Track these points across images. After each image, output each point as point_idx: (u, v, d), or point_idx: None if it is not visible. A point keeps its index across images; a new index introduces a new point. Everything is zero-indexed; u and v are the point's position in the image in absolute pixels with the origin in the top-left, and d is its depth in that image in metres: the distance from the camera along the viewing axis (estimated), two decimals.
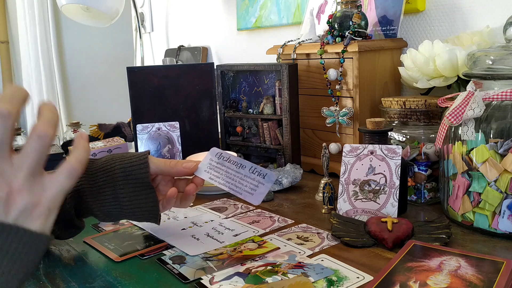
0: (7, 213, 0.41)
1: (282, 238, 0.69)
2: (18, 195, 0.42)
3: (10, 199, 0.42)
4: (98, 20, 1.84)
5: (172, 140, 1.05)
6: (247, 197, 0.64)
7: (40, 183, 0.44)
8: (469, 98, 0.68)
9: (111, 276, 0.61)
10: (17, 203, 0.42)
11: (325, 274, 0.57)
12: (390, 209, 0.72)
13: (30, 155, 0.43)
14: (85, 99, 2.90)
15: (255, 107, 1.12)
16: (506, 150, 0.65)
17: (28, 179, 0.43)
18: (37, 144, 0.43)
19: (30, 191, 0.43)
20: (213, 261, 0.62)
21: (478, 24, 0.96)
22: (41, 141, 0.43)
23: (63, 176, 0.45)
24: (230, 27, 1.68)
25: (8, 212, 0.41)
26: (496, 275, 0.52)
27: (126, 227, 0.77)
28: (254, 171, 0.65)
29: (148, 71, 1.10)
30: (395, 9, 1.04)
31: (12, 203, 0.42)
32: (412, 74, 0.94)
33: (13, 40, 3.08)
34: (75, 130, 1.49)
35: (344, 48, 0.95)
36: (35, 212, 0.43)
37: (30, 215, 0.43)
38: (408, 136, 0.86)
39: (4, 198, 0.41)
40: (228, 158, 0.67)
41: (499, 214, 0.66)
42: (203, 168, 0.67)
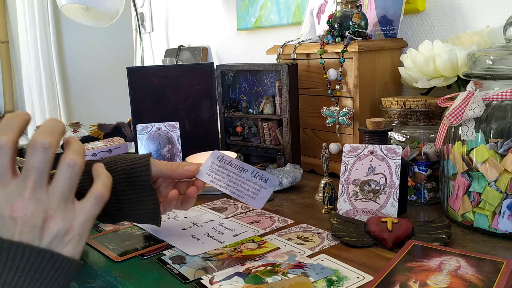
0: (41, 239, 0.44)
1: (282, 238, 0.69)
2: (52, 221, 0.44)
3: (45, 225, 0.44)
4: (98, 20, 1.84)
5: (172, 140, 1.05)
6: (249, 201, 0.64)
7: (71, 210, 0.46)
8: (469, 98, 0.68)
9: (111, 276, 0.61)
10: (51, 229, 0.44)
11: (325, 274, 0.57)
12: (390, 209, 0.72)
13: (62, 183, 0.45)
14: (85, 99, 2.90)
15: (255, 107, 1.12)
16: (506, 150, 0.65)
17: (61, 205, 0.45)
18: (68, 173, 0.46)
19: (63, 217, 0.45)
20: (213, 261, 0.63)
21: (478, 24, 0.96)
22: (71, 169, 0.46)
23: (92, 202, 0.48)
24: (230, 27, 1.68)
25: (42, 237, 0.44)
26: (496, 275, 0.52)
27: (126, 227, 0.77)
28: (256, 175, 0.65)
29: (148, 71, 1.10)
30: (395, 9, 1.04)
31: (47, 228, 0.44)
32: (412, 74, 0.94)
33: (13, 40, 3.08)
34: (75, 130, 1.49)
35: (344, 48, 0.95)
36: (66, 237, 0.45)
37: (62, 241, 0.45)
38: (408, 136, 0.86)
39: (39, 225, 0.44)
40: (229, 162, 0.67)
41: (499, 214, 0.66)
42: (205, 171, 0.67)
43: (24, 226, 0.43)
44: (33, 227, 0.43)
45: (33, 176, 0.44)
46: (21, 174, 0.45)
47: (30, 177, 0.44)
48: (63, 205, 0.45)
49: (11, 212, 0.43)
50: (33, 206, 0.44)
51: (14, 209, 0.43)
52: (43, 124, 0.46)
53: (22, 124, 0.46)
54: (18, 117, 0.46)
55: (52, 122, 0.47)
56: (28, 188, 0.44)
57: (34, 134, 0.45)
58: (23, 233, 0.43)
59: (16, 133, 0.45)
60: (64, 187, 0.45)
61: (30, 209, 0.43)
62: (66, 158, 0.46)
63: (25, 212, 0.43)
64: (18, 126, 0.45)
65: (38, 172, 0.44)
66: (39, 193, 0.44)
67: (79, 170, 0.46)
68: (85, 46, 2.85)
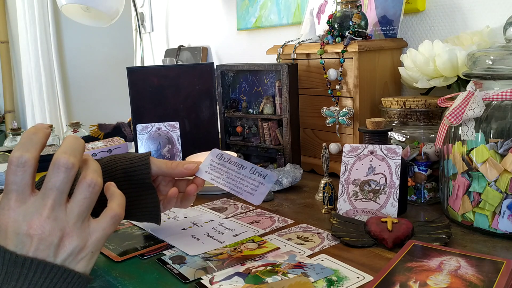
0: (56, 256, 0.44)
1: (282, 238, 0.69)
2: (67, 239, 0.45)
3: (61, 243, 0.45)
4: (98, 20, 1.84)
5: (172, 140, 1.05)
6: (248, 197, 0.64)
7: (87, 228, 0.47)
8: (469, 98, 0.68)
9: (111, 276, 0.61)
10: (66, 247, 0.45)
11: (325, 274, 0.57)
12: (390, 209, 0.72)
13: (81, 202, 0.46)
14: (85, 99, 2.90)
15: (255, 107, 1.12)
16: (506, 150, 0.65)
17: (78, 224, 0.46)
18: (88, 192, 0.46)
19: (79, 235, 0.46)
20: (213, 261, 0.63)
21: (478, 24, 0.96)
22: (91, 188, 0.46)
23: (108, 222, 0.48)
24: (230, 27, 1.68)
25: (57, 254, 0.45)
26: (496, 275, 0.52)
27: (126, 227, 0.77)
28: (255, 171, 0.65)
29: (148, 71, 1.10)
30: (395, 9, 1.04)
31: (62, 246, 0.45)
32: (412, 74, 0.94)
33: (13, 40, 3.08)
34: (75, 130, 1.49)
35: (344, 48, 0.95)
36: (80, 255, 0.46)
37: (76, 258, 0.46)
38: (408, 136, 0.86)
39: (56, 243, 0.44)
40: (228, 159, 0.68)
41: (499, 214, 0.66)
42: (204, 169, 0.68)
43: (40, 244, 0.44)
44: (49, 245, 0.44)
45: (53, 196, 0.44)
46: (41, 192, 0.45)
47: (50, 196, 0.44)
48: (80, 224, 0.46)
49: (28, 229, 0.43)
50: (51, 224, 0.44)
51: (31, 227, 0.43)
52: (65, 141, 0.47)
53: (44, 140, 0.46)
54: (40, 133, 0.46)
55: (74, 141, 0.47)
56: (47, 206, 0.44)
57: (57, 153, 0.45)
58: (39, 250, 0.44)
59: (38, 150, 0.45)
60: (82, 207, 0.46)
61: (48, 228, 0.44)
62: (86, 178, 0.46)
63: (42, 230, 0.44)
64: (40, 142, 0.46)
65: (58, 192, 0.44)
66: (57, 212, 0.45)
67: (99, 190, 0.47)
68: (85, 46, 2.85)
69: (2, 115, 3.16)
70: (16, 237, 0.43)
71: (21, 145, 0.45)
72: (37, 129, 0.46)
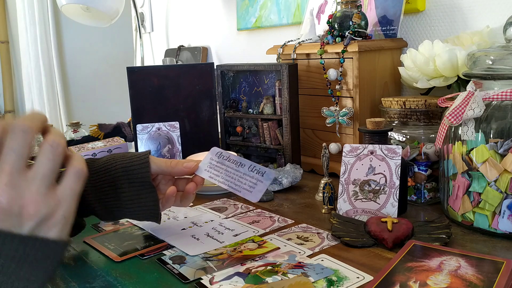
0: (21, 226, 0.42)
1: (282, 238, 0.69)
2: (32, 207, 0.42)
3: (24, 212, 0.42)
4: (98, 20, 1.84)
5: (172, 140, 1.05)
6: (246, 194, 0.64)
7: (53, 193, 0.44)
8: (469, 98, 0.68)
9: (111, 276, 0.61)
10: (31, 215, 0.42)
11: (325, 274, 0.57)
12: (390, 209, 0.72)
13: (43, 165, 0.43)
14: (85, 99, 2.90)
15: (255, 107, 1.12)
16: (506, 150, 0.65)
17: (41, 189, 0.43)
18: (50, 154, 0.44)
19: (44, 202, 0.43)
20: (213, 261, 0.63)
21: (478, 24, 0.96)
22: (53, 149, 0.44)
23: (73, 180, 0.46)
24: (230, 27, 1.68)
25: (22, 224, 0.42)
26: (496, 275, 0.52)
27: (126, 227, 0.77)
28: (253, 169, 0.66)
29: (148, 71, 1.10)
30: (395, 9, 1.04)
31: (27, 215, 0.42)
32: (412, 74, 0.94)
33: (13, 40, 3.08)
34: (75, 130, 1.49)
35: (344, 48, 0.95)
36: (51, 221, 0.43)
37: (46, 225, 0.43)
38: (408, 136, 0.86)
39: (17, 212, 0.41)
40: (228, 157, 0.68)
41: (499, 214, 0.66)
42: (204, 167, 0.68)
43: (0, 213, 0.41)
44: (10, 215, 0.41)
45: (10, 160, 0.41)
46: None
47: (7, 161, 0.41)
48: (44, 189, 0.43)
49: None
50: (10, 192, 0.41)
51: None
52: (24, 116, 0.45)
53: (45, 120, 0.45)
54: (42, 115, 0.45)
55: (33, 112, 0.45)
56: (4, 172, 0.41)
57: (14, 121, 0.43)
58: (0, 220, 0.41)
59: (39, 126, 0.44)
60: (45, 169, 0.43)
61: (6, 196, 0.41)
62: (48, 139, 0.44)
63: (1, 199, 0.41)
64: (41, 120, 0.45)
65: (16, 156, 0.42)
66: (16, 178, 0.42)
67: (62, 151, 0.44)
68: (85, 46, 2.85)
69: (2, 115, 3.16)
70: None
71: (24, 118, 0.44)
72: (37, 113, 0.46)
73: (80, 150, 1.13)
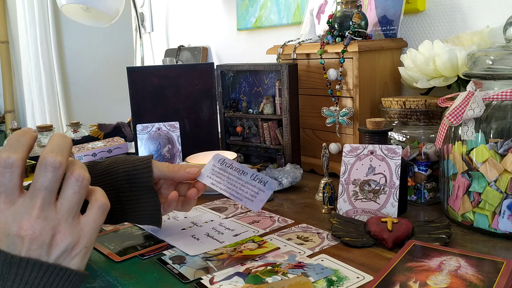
0: (49, 254, 0.44)
1: (282, 238, 0.69)
2: (59, 237, 0.45)
3: (53, 242, 0.45)
4: (98, 20, 1.84)
5: (172, 140, 1.05)
6: (247, 203, 0.64)
7: (78, 223, 0.47)
8: (469, 98, 0.68)
9: (111, 276, 0.61)
10: (59, 245, 0.45)
11: (325, 274, 0.57)
12: (390, 209, 0.72)
13: (70, 198, 0.46)
14: (85, 99, 2.90)
15: (255, 107, 1.12)
16: (506, 150, 0.65)
17: (69, 221, 0.46)
18: (77, 187, 0.46)
19: (71, 232, 0.46)
20: (213, 261, 0.63)
21: (478, 24, 0.96)
22: (79, 183, 0.46)
23: (97, 213, 0.48)
24: (230, 27, 1.68)
25: (50, 253, 0.44)
26: (496, 275, 0.52)
27: (126, 227, 0.77)
28: (255, 178, 0.66)
29: (148, 71, 1.10)
30: (395, 9, 1.04)
31: (55, 245, 0.45)
32: (412, 74, 0.94)
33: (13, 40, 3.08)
34: (75, 130, 1.49)
35: (344, 48, 0.95)
36: (74, 251, 0.46)
37: (69, 255, 0.46)
38: (408, 136, 0.86)
39: (47, 242, 0.44)
40: (230, 165, 0.68)
41: (499, 214, 0.66)
42: (206, 174, 0.68)
43: (32, 244, 0.44)
44: (41, 245, 0.44)
45: (41, 195, 0.44)
46: (29, 193, 0.45)
47: (39, 196, 0.44)
48: (71, 220, 0.46)
49: (19, 230, 0.43)
50: (41, 224, 0.44)
51: (21, 228, 0.43)
52: (51, 140, 0.46)
53: (31, 141, 0.46)
54: (27, 135, 0.46)
55: (60, 139, 0.46)
56: (36, 206, 0.44)
57: (44, 152, 0.45)
58: (31, 250, 0.43)
59: (25, 152, 0.45)
60: (72, 202, 0.46)
61: (38, 227, 0.44)
62: (74, 173, 0.46)
63: (33, 230, 0.43)
64: (27, 144, 0.46)
65: (47, 192, 0.44)
66: (47, 211, 0.44)
67: (87, 185, 0.47)
68: (85, 46, 2.85)
69: (2, 115, 3.16)
70: (7, 238, 0.43)
71: (8, 146, 0.45)
72: (24, 132, 0.46)
73: (80, 150, 1.13)
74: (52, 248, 0.44)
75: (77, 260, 0.46)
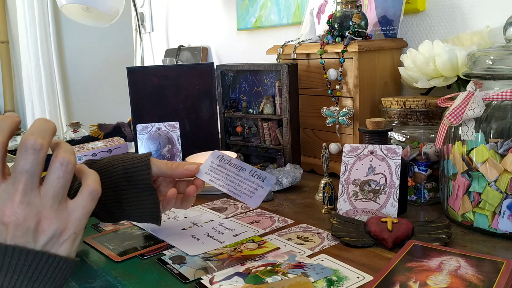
0: (36, 241, 0.43)
1: (282, 238, 0.69)
2: (46, 223, 0.44)
3: (39, 228, 0.43)
4: (98, 20, 1.84)
5: (172, 140, 1.05)
6: (246, 199, 0.64)
7: (65, 209, 0.45)
8: (469, 98, 0.68)
9: (111, 276, 0.61)
10: (45, 231, 0.44)
11: (325, 274, 0.57)
12: (390, 209, 0.72)
13: (55, 182, 0.44)
14: (85, 99, 2.90)
15: (255, 107, 1.12)
16: (506, 150, 0.65)
17: (55, 206, 0.44)
18: (61, 171, 0.45)
19: (57, 217, 0.44)
20: (213, 261, 0.63)
21: (478, 24, 0.96)
22: (64, 167, 0.45)
23: (86, 199, 0.47)
24: (230, 27, 1.68)
25: (37, 239, 0.43)
26: (496, 275, 0.52)
27: (126, 227, 0.77)
28: (254, 174, 0.65)
29: (148, 71, 1.10)
30: (395, 9, 1.04)
31: (41, 231, 0.43)
32: (412, 74, 0.94)
33: (13, 40, 3.08)
34: (75, 130, 1.49)
35: (344, 48, 0.95)
36: (62, 237, 0.45)
37: (57, 241, 0.44)
38: (408, 136, 0.86)
39: (33, 228, 0.43)
40: (229, 161, 0.68)
41: (499, 214, 0.66)
42: (204, 170, 0.68)
43: (17, 230, 0.42)
44: (26, 231, 0.43)
45: (23, 179, 0.43)
46: (11, 178, 0.43)
47: (20, 180, 0.43)
48: (57, 205, 0.45)
49: (2, 217, 0.42)
50: (25, 210, 0.43)
51: (4, 214, 0.42)
52: (33, 124, 0.45)
53: (13, 126, 0.45)
54: (8, 119, 0.45)
55: (42, 122, 0.46)
56: (18, 191, 0.43)
57: (24, 135, 0.44)
58: (16, 237, 0.42)
59: (6, 135, 0.44)
60: (57, 187, 0.45)
61: (22, 213, 0.42)
62: (58, 157, 0.45)
63: (17, 217, 0.42)
64: (8, 128, 0.45)
65: (29, 175, 0.43)
66: (30, 196, 0.43)
67: (72, 169, 0.46)
68: (85, 46, 2.85)
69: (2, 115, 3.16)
70: None
71: None
72: (6, 117, 0.45)
73: (80, 150, 1.13)
74: (39, 234, 0.43)
75: (66, 247, 0.45)
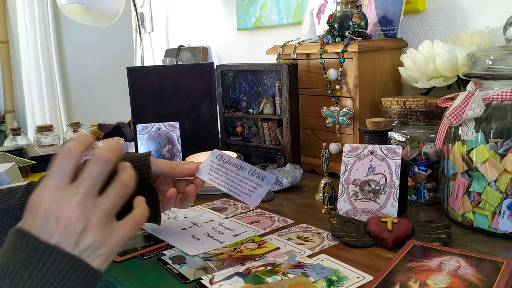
0: (76, 245, 0.45)
1: (282, 238, 0.69)
2: (90, 231, 0.46)
3: (84, 233, 0.45)
4: (98, 20, 1.84)
5: (172, 140, 1.05)
6: (245, 198, 0.64)
7: (110, 226, 0.48)
8: (469, 98, 0.68)
9: (111, 276, 0.61)
10: (88, 238, 0.46)
11: (325, 274, 0.57)
12: (390, 209, 0.72)
13: (111, 198, 0.48)
14: (85, 99, 2.90)
15: (255, 107, 1.12)
16: (506, 150, 0.65)
17: (103, 219, 0.47)
18: (120, 191, 0.48)
19: (101, 230, 0.46)
20: (213, 261, 0.63)
21: (478, 24, 0.96)
22: (124, 188, 0.49)
23: (130, 226, 0.50)
24: (230, 27, 1.68)
25: (78, 244, 0.45)
26: (496, 275, 0.52)
27: None
28: (254, 173, 0.65)
29: (148, 71, 1.10)
30: (395, 9, 1.04)
31: (84, 237, 0.45)
32: (412, 74, 0.94)
33: (13, 40, 3.08)
34: (75, 130, 1.49)
35: (344, 48, 0.95)
36: (99, 251, 0.46)
37: (94, 252, 0.46)
38: (408, 136, 0.86)
39: (79, 231, 0.45)
40: (228, 160, 0.68)
41: (499, 214, 0.66)
42: (204, 170, 0.68)
43: (66, 228, 0.44)
44: (73, 231, 0.45)
45: (87, 184, 0.46)
46: (77, 181, 0.46)
47: (84, 184, 0.46)
48: (105, 219, 0.47)
49: (58, 211, 0.44)
50: (80, 211, 0.45)
51: (62, 209, 0.45)
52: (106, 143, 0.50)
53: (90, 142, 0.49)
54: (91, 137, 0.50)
55: (115, 143, 0.51)
56: (79, 193, 0.46)
57: (98, 149, 0.48)
58: (63, 234, 0.44)
59: (86, 148, 0.48)
60: (111, 203, 0.47)
61: (76, 214, 0.45)
62: (122, 178, 0.49)
63: (71, 215, 0.45)
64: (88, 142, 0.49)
65: (92, 181, 0.46)
66: (88, 201, 0.46)
67: (129, 193, 0.49)
68: (85, 46, 2.85)
69: (2, 115, 3.16)
70: (44, 217, 0.44)
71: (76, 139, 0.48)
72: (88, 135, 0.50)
73: None
74: (81, 239, 0.45)
75: (99, 261, 0.46)
